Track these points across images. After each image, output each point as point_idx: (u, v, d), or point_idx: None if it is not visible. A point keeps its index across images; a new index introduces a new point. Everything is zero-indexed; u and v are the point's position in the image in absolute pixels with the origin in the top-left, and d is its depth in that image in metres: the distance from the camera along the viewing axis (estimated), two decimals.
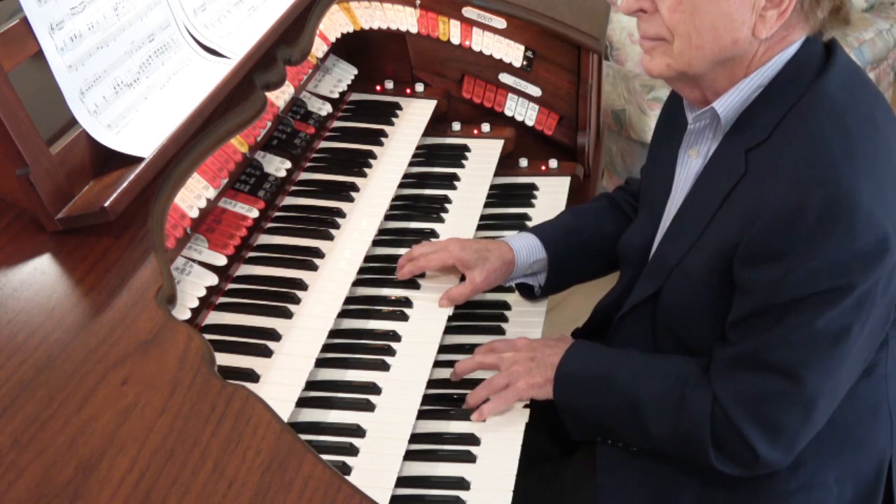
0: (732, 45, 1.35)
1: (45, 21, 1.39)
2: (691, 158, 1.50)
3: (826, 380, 1.34)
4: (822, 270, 1.28)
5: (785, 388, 1.35)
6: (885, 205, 1.28)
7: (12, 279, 1.29)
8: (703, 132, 1.47)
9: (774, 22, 1.33)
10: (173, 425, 1.12)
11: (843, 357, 1.33)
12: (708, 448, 1.41)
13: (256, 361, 1.48)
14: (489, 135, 2.22)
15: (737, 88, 1.39)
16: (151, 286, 1.29)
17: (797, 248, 1.28)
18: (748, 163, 1.37)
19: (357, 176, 1.92)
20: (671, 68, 1.40)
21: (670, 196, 1.54)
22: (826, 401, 1.37)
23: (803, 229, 1.27)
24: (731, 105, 1.40)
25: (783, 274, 1.29)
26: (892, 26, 3.73)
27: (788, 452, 1.40)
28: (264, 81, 1.72)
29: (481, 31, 2.16)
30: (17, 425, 1.10)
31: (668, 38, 1.37)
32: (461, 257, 1.72)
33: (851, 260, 1.27)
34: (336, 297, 1.63)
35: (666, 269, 1.47)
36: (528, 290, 1.82)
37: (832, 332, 1.31)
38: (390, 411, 1.51)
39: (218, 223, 1.66)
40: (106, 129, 1.47)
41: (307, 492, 1.09)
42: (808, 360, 1.33)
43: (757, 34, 1.34)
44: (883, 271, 1.29)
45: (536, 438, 1.62)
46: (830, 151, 1.29)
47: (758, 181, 1.35)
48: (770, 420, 1.37)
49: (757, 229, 1.31)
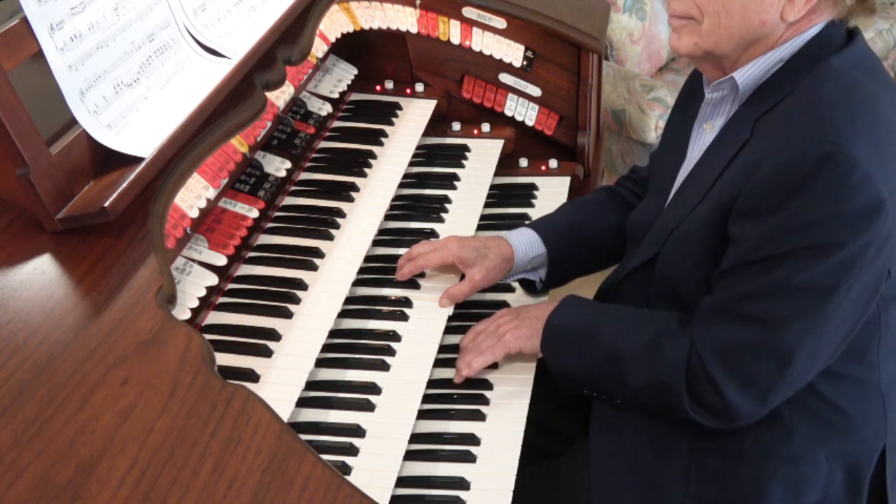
0: (760, 27, 1.37)
1: (45, 21, 1.39)
2: (706, 132, 1.52)
3: (806, 336, 1.35)
4: (813, 225, 1.28)
5: (763, 339, 1.36)
6: (884, 172, 1.29)
7: (12, 279, 1.29)
8: (719, 105, 1.49)
9: (802, 6, 1.35)
10: (173, 425, 1.12)
11: (827, 315, 1.33)
12: (682, 396, 1.43)
13: (256, 361, 1.48)
14: (489, 135, 2.22)
15: (757, 62, 1.41)
16: (151, 286, 1.29)
17: (790, 202, 1.29)
18: (755, 129, 1.39)
19: (357, 176, 1.92)
20: (698, 47, 1.42)
21: (681, 169, 1.56)
22: (805, 358, 1.37)
23: (798, 184, 1.28)
24: (751, 77, 1.42)
25: (775, 227, 1.31)
26: (892, 26, 3.73)
27: (761, 404, 1.40)
28: (264, 81, 1.72)
29: (481, 31, 2.16)
30: (17, 425, 1.10)
31: (698, 16, 1.39)
32: (460, 255, 1.72)
33: (844, 217, 1.28)
34: (336, 297, 1.63)
35: (665, 233, 1.49)
36: (529, 284, 1.82)
37: (818, 288, 1.31)
38: (390, 411, 1.52)
39: (218, 223, 1.66)
40: (106, 129, 1.47)
41: (307, 492, 1.09)
42: (790, 313, 1.34)
43: (785, 17, 1.36)
44: (874, 236, 1.29)
45: (537, 436, 1.62)
46: (832, 112, 1.31)
47: (759, 142, 1.37)
48: (744, 370, 1.38)
49: (754, 183, 1.32)
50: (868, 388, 1.48)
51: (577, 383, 1.58)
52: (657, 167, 1.68)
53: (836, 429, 1.47)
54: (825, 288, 1.31)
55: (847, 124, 1.29)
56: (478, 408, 1.59)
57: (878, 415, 1.50)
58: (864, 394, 1.48)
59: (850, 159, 1.26)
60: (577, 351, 1.55)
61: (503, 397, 1.61)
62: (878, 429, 1.50)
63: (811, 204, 1.28)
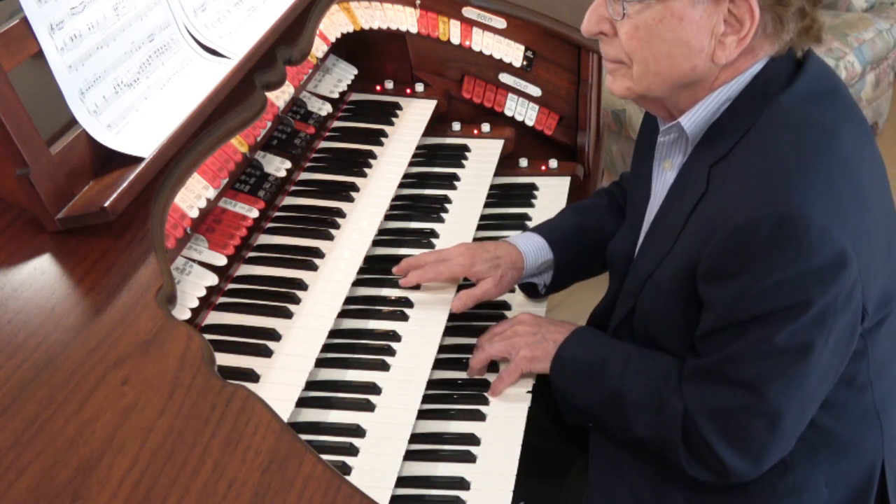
0: (691, 71, 1.34)
1: (45, 21, 1.39)
2: (666, 170, 1.50)
3: (790, 394, 1.34)
4: (777, 288, 1.27)
5: (748, 402, 1.35)
6: (842, 219, 1.27)
7: (12, 279, 1.29)
8: (673, 145, 1.48)
9: (734, 48, 1.32)
10: (173, 425, 1.12)
11: (808, 371, 1.32)
12: (680, 453, 1.42)
13: (256, 361, 1.48)
14: (489, 135, 2.22)
15: (702, 104, 1.39)
16: (151, 286, 1.29)
17: (752, 266, 1.28)
18: (710, 179, 1.37)
19: (357, 176, 1.92)
20: (631, 91, 1.40)
21: (648, 206, 1.55)
22: (795, 414, 1.36)
23: (756, 248, 1.26)
24: (697, 120, 1.40)
25: (740, 291, 1.29)
26: (892, 26, 3.73)
27: (757, 463, 1.40)
28: (264, 81, 1.72)
29: (481, 31, 2.16)
30: (17, 425, 1.10)
31: (627, 62, 1.37)
32: (473, 272, 1.71)
33: (807, 277, 1.26)
34: (336, 297, 1.63)
35: (640, 282, 1.48)
36: (531, 288, 1.82)
37: (793, 347, 1.30)
38: (390, 411, 1.51)
39: (218, 223, 1.66)
40: (106, 129, 1.47)
41: (307, 492, 1.09)
42: (769, 374, 1.33)
43: (716, 60, 1.33)
44: (841, 286, 1.28)
45: (537, 436, 1.62)
46: (784, 168, 1.28)
47: (715, 198, 1.35)
48: (735, 432, 1.37)
49: (713, 246, 1.31)
50: (862, 410, 1.48)
51: (582, 416, 1.58)
52: (630, 198, 1.66)
53: (834, 454, 1.47)
54: (801, 346, 1.30)
55: (799, 180, 1.27)
56: (478, 408, 1.59)
57: (874, 432, 1.50)
58: (859, 416, 1.48)
59: (805, 219, 1.24)
60: (583, 386, 1.54)
61: (503, 397, 1.61)
62: (876, 446, 1.50)
63: (773, 267, 1.26)
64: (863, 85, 3.70)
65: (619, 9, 1.33)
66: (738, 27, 1.30)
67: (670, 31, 1.31)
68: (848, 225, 1.27)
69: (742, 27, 1.29)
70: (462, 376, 1.66)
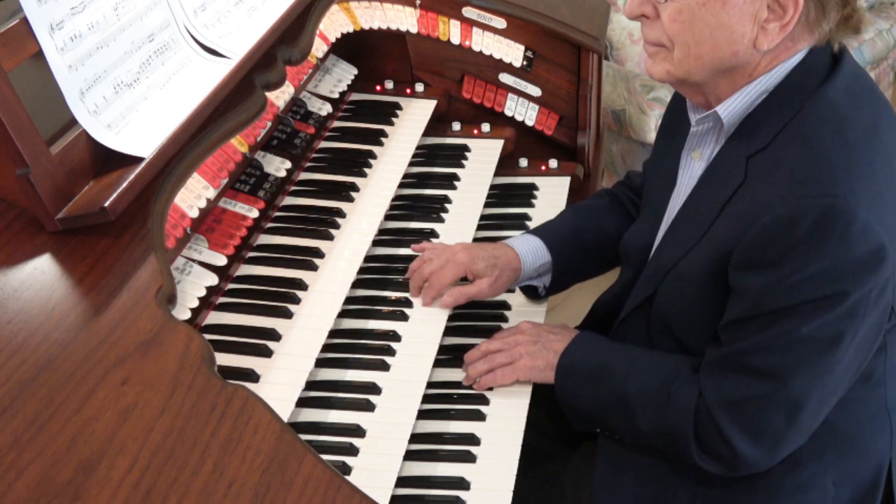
0: (732, 57, 1.34)
1: (45, 21, 1.39)
2: (694, 161, 1.50)
3: (814, 385, 1.34)
4: (815, 279, 1.27)
5: (770, 392, 1.35)
6: (882, 214, 1.28)
7: (12, 279, 1.29)
8: (705, 135, 1.47)
9: (777, 34, 1.32)
10: (173, 425, 1.12)
11: (834, 364, 1.33)
12: (690, 444, 1.42)
13: (256, 361, 1.48)
14: (489, 135, 2.22)
15: (740, 94, 1.39)
16: (151, 286, 1.29)
17: (791, 256, 1.28)
18: (748, 170, 1.37)
19: (357, 176, 1.92)
20: (671, 75, 1.40)
21: (672, 197, 1.54)
22: (814, 406, 1.37)
23: (798, 239, 1.27)
24: (735, 110, 1.40)
25: (777, 281, 1.29)
26: (892, 26, 3.73)
27: (771, 454, 1.40)
28: (264, 81, 1.72)
29: (481, 31, 2.16)
30: (17, 425, 1.10)
31: (669, 45, 1.37)
32: (472, 269, 1.71)
33: (845, 269, 1.27)
34: (336, 297, 1.63)
35: (662, 272, 1.47)
36: (531, 290, 1.82)
37: (823, 339, 1.31)
38: (390, 411, 1.51)
39: (218, 223, 1.66)
40: (106, 129, 1.47)
41: (307, 492, 1.09)
42: (796, 365, 1.33)
43: (758, 46, 1.33)
44: (878, 280, 1.29)
45: (537, 436, 1.62)
46: (827, 161, 1.29)
47: (755, 189, 1.35)
48: (752, 422, 1.37)
49: (752, 236, 1.31)
50: (874, 407, 1.48)
51: (588, 421, 1.58)
52: (649, 188, 1.66)
53: (843, 452, 1.47)
54: (831, 338, 1.30)
55: (844, 173, 1.28)
56: (478, 408, 1.59)
57: (884, 432, 1.50)
58: (870, 413, 1.48)
59: (849, 212, 1.25)
60: (588, 390, 1.54)
61: (503, 397, 1.61)
62: (885, 445, 1.50)
63: (813, 258, 1.27)
64: None
65: None
66: (782, 14, 1.30)
67: (714, 14, 1.31)
68: (889, 222, 1.28)
69: (785, 14, 1.30)
70: (463, 376, 1.66)
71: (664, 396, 1.44)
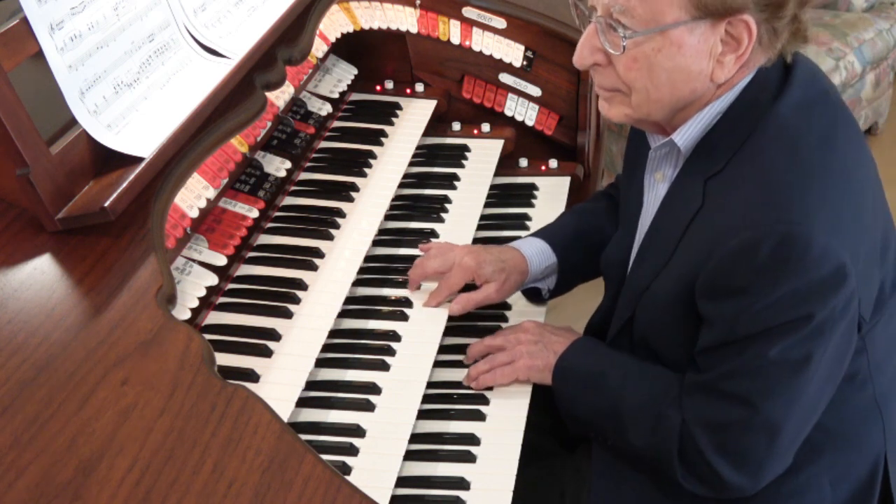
0: (690, 94, 1.34)
1: (45, 21, 1.39)
2: (657, 182, 1.50)
3: (789, 407, 1.34)
4: (780, 304, 1.27)
5: (745, 417, 1.35)
6: (841, 232, 1.27)
7: (12, 279, 1.29)
8: (664, 158, 1.47)
9: (733, 66, 1.31)
10: (173, 425, 1.12)
11: (806, 384, 1.33)
12: (676, 466, 1.42)
13: (256, 361, 1.48)
14: (489, 135, 2.22)
15: (694, 120, 1.38)
16: (151, 286, 1.29)
17: (753, 284, 1.28)
18: (705, 193, 1.37)
19: (357, 176, 1.92)
20: (630, 117, 1.40)
21: (641, 215, 1.55)
22: (793, 427, 1.37)
23: (757, 266, 1.26)
24: (690, 135, 1.39)
25: (741, 309, 1.29)
26: (892, 26, 3.73)
27: (755, 479, 1.40)
28: (264, 81, 1.72)
29: (481, 31, 2.16)
30: (17, 425, 1.10)
31: (625, 90, 1.37)
32: (479, 274, 1.70)
33: (809, 292, 1.26)
34: (336, 297, 1.63)
35: (638, 293, 1.48)
36: (535, 293, 1.82)
37: (793, 361, 1.31)
38: (390, 411, 1.51)
39: (218, 223, 1.66)
40: (106, 129, 1.47)
41: (307, 492, 1.09)
42: (770, 388, 1.33)
43: (715, 79, 1.32)
44: (841, 297, 1.28)
45: (537, 435, 1.62)
46: (781, 185, 1.28)
47: (713, 214, 1.35)
48: (733, 447, 1.37)
49: (713, 264, 1.31)
50: (864, 404, 1.48)
51: (583, 425, 1.58)
52: (623, 206, 1.66)
53: (838, 452, 1.47)
54: (799, 360, 1.30)
55: (798, 195, 1.27)
56: (478, 408, 1.59)
57: (876, 427, 1.50)
58: (861, 411, 1.48)
59: (805, 237, 1.24)
60: (583, 396, 1.55)
61: (503, 397, 1.61)
62: (879, 440, 1.50)
63: (775, 284, 1.26)
64: (863, 85, 3.70)
65: (618, 43, 1.31)
66: (736, 45, 1.29)
67: (670, 59, 1.30)
68: (847, 237, 1.28)
69: (740, 45, 1.29)
70: (462, 376, 1.66)
71: (654, 415, 1.44)
